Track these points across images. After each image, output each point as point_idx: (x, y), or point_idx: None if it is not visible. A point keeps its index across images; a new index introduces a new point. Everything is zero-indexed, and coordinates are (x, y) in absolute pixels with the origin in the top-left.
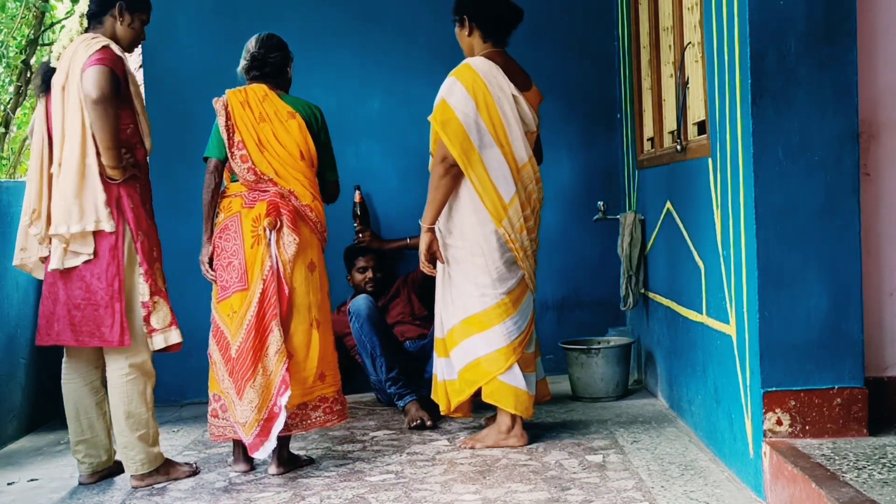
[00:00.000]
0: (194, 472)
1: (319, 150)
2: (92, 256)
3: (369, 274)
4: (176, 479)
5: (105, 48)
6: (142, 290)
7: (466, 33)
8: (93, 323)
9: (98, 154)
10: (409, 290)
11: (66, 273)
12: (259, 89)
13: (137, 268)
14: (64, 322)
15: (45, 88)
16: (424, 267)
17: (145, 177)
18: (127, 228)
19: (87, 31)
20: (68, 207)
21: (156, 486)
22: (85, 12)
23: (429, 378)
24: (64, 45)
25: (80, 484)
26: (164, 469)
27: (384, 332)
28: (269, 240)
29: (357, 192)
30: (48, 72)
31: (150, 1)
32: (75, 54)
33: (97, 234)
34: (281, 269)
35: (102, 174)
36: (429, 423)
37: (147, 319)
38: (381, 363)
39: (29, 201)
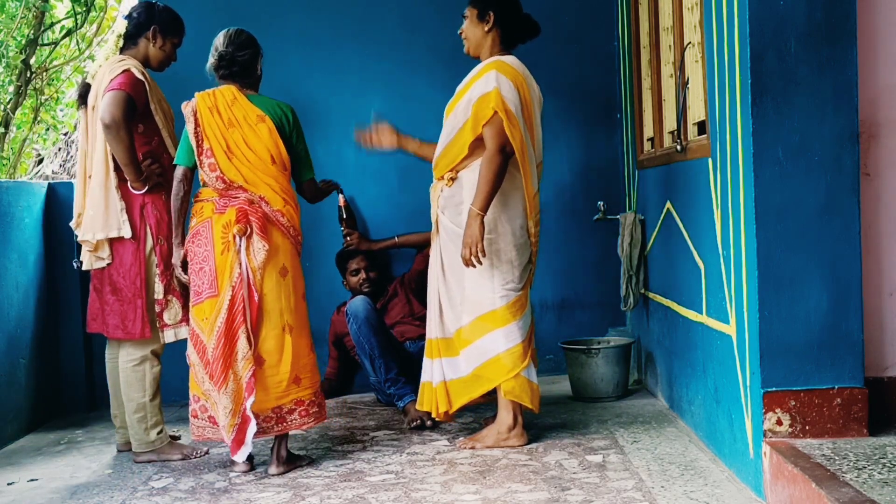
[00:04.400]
0: (186, 457)
1: (292, 151)
2: (111, 260)
3: (362, 275)
4: (167, 461)
5: (125, 72)
6: (157, 288)
7: (485, 28)
8: (119, 317)
9: (117, 169)
10: (406, 291)
11: (99, 272)
12: (228, 92)
13: (154, 268)
14: (100, 315)
15: (83, 104)
16: (475, 256)
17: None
18: (149, 233)
19: (121, 50)
20: (95, 216)
21: (156, 485)
22: (122, 33)
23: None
24: (100, 62)
25: (119, 451)
26: (160, 450)
27: (382, 333)
28: (239, 247)
29: (340, 195)
30: (85, 88)
31: (183, 26)
32: (103, 76)
33: (122, 239)
34: (250, 276)
35: (121, 187)
36: (429, 423)
37: (160, 315)
38: (379, 364)
39: (76, 206)
